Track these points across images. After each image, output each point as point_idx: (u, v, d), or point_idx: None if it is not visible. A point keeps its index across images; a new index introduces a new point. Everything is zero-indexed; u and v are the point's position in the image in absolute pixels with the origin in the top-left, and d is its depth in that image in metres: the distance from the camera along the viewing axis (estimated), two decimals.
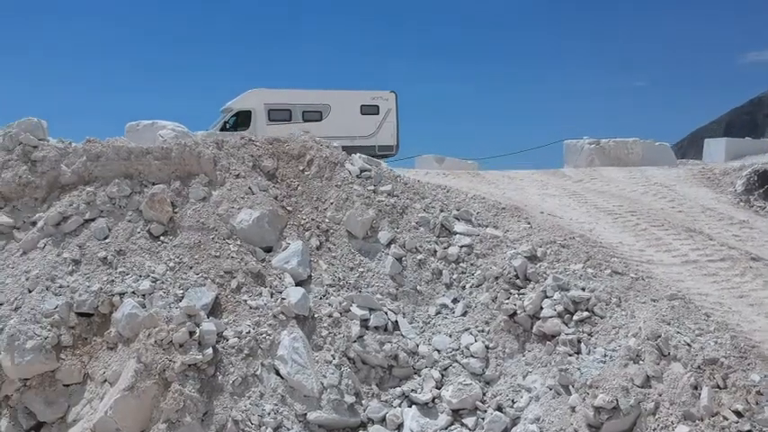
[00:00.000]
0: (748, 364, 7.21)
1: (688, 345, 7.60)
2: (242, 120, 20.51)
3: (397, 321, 9.98)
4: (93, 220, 10.51)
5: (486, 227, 11.93)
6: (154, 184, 11.09)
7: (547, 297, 9.24)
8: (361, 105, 21.85)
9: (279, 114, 20.74)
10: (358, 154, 13.15)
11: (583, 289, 9.27)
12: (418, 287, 10.59)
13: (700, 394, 7.03)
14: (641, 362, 7.71)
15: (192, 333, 8.61)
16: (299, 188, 12.09)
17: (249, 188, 11.48)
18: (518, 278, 10.00)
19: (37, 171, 10.92)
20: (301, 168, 12.48)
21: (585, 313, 8.83)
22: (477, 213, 12.32)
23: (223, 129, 20.27)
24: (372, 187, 12.12)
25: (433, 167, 28.05)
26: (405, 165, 27.09)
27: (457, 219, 11.92)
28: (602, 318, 8.78)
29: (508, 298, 9.71)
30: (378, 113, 22.02)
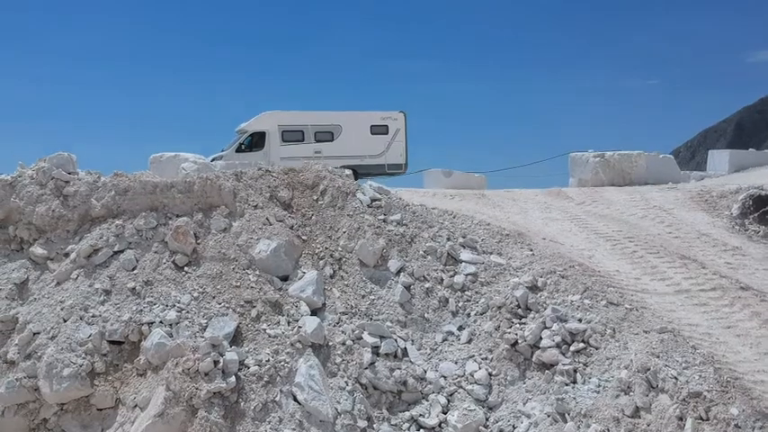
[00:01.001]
0: (729, 398, 7.86)
1: (675, 378, 8.26)
2: (257, 140, 21.28)
3: (406, 348, 10.66)
4: (122, 251, 11.27)
5: (491, 254, 12.59)
6: (178, 216, 11.83)
7: (546, 328, 9.91)
8: (371, 125, 22.58)
9: (292, 135, 21.51)
10: (369, 183, 13.84)
11: (579, 320, 9.93)
12: (426, 315, 11.27)
13: (684, 425, 7.68)
14: (632, 393, 8.37)
15: (216, 362, 9.32)
16: (314, 217, 12.79)
17: (267, 219, 12.20)
18: (519, 308, 10.66)
19: (69, 205, 11.67)
20: (315, 198, 13.18)
21: (581, 344, 9.50)
22: (482, 240, 12.98)
23: (239, 149, 21.07)
24: (383, 216, 12.81)
25: (441, 182, 28.80)
26: (414, 179, 27.89)
27: (463, 246, 12.59)
28: (596, 349, 9.44)
29: (510, 327, 10.38)
30: (387, 133, 22.74)
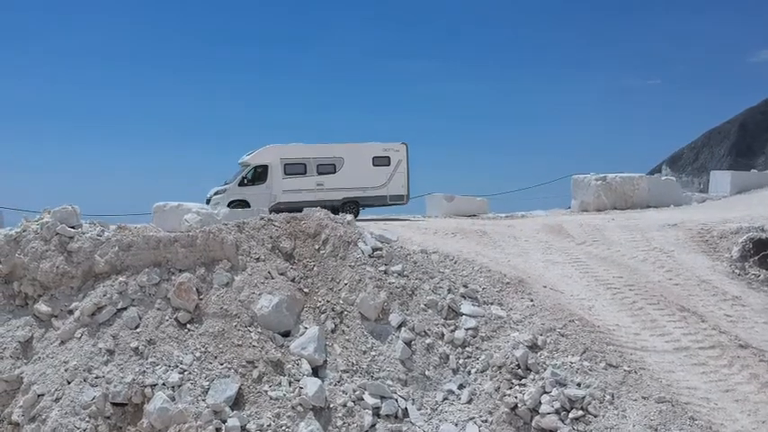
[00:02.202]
0: None
1: None
2: (259, 174, 21.45)
3: (406, 408, 10.74)
4: (125, 308, 11.38)
5: (492, 304, 12.67)
6: (181, 270, 11.96)
7: (546, 392, 9.97)
8: (373, 157, 22.76)
9: (294, 168, 21.68)
10: (370, 232, 13.93)
11: (579, 385, 9.99)
12: (426, 372, 11.35)
13: None
14: None
15: (218, 429, 9.43)
16: (315, 268, 12.90)
17: (269, 272, 12.32)
18: (519, 368, 10.73)
19: (73, 261, 11.80)
20: (317, 247, 13.30)
21: (580, 412, 9.56)
22: (483, 289, 13.06)
23: (241, 183, 21.24)
24: (384, 267, 12.90)
25: (443, 207, 28.89)
26: (416, 203, 27.99)
27: (464, 297, 12.68)
28: (595, 416, 9.51)
29: (510, 389, 10.44)
30: (389, 164, 22.91)
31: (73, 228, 12.34)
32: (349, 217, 14.50)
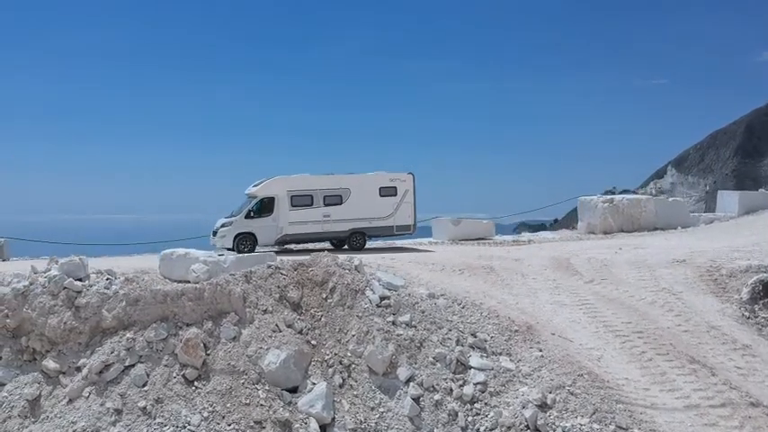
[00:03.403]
0: None
1: None
2: (266, 206, 21.41)
3: None
4: (133, 365, 11.34)
5: (500, 354, 12.62)
6: (188, 325, 11.92)
7: None
8: (380, 188, 22.71)
9: (301, 200, 21.65)
10: (378, 278, 13.89)
11: None
12: (435, 430, 11.29)
13: None
14: None
15: None
16: (323, 318, 12.87)
17: (276, 325, 12.29)
18: (528, 428, 10.68)
19: (80, 317, 11.77)
20: (324, 296, 13.27)
21: None
22: (492, 338, 13.01)
23: (248, 216, 21.20)
24: (391, 318, 12.85)
25: (449, 230, 28.83)
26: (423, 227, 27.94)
27: (472, 348, 12.62)
28: None
29: None
30: (396, 194, 22.86)
31: (80, 280, 12.32)
32: (356, 261, 14.45)
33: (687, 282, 16.60)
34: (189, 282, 12.91)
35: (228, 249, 21.30)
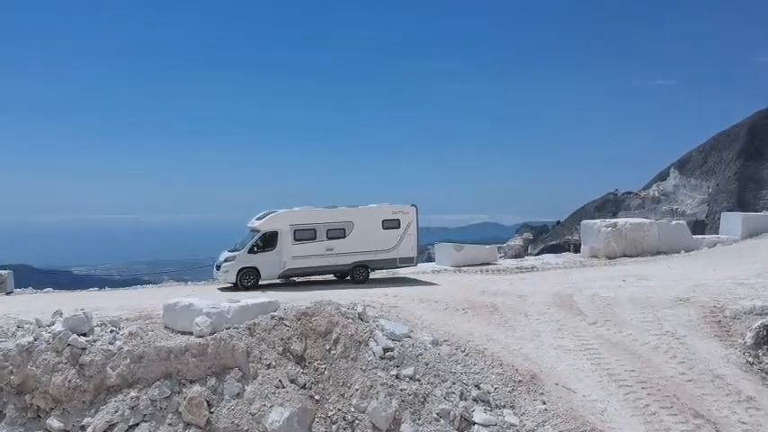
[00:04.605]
0: None
1: None
2: (269, 240, 21.43)
3: None
4: (137, 425, 11.37)
5: (504, 407, 12.61)
6: (191, 381, 11.95)
7: None
8: (383, 220, 22.72)
9: (304, 234, 21.66)
10: (381, 328, 13.88)
11: None
12: None
13: None
14: None
15: None
16: (326, 372, 12.87)
17: (279, 380, 12.29)
18: None
19: (85, 375, 11.80)
20: (328, 348, 13.27)
21: None
22: (495, 390, 13.00)
23: (251, 251, 21.22)
24: (395, 371, 12.85)
25: (451, 256, 28.84)
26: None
27: (476, 401, 12.62)
28: None
29: None
30: (399, 227, 22.87)
31: (84, 335, 12.35)
32: (360, 308, 14.46)
33: (691, 324, 16.57)
34: (192, 333, 12.91)
35: (232, 284, 21.34)
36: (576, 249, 35.96)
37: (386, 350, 13.25)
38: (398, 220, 22.92)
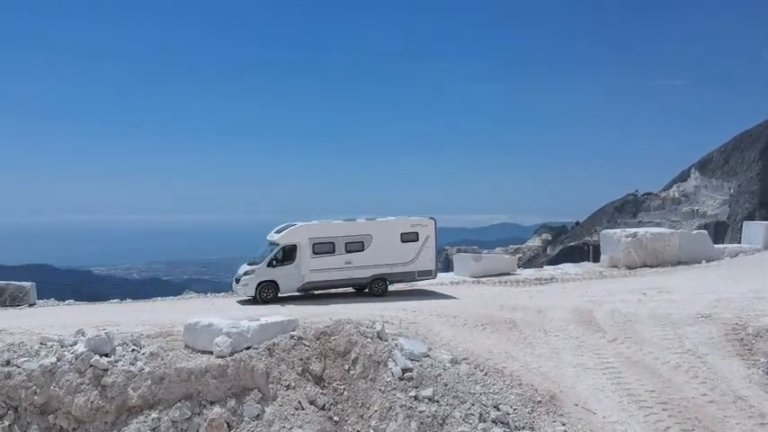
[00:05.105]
0: None
1: None
2: (288, 254, 21.53)
3: None
4: None
5: (523, 429, 12.57)
6: (212, 402, 12.05)
7: None
8: (401, 233, 22.71)
9: (323, 247, 21.72)
10: (400, 347, 13.88)
11: None
12: None
13: None
14: None
15: None
16: (345, 392, 12.91)
17: (299, 402, 12.35)
18: None
19: (107, 396, 11.94)
20: (347, 368, 13.33)
21: None
22: (515, 411, 12.96)
23: (270, 264, 21.32)
24: (414, 392, 12.85)
25: (470, 267, 28.77)
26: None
27: (495, 423, 12.58)
28: None
29: None
30: (417, 240, 22.85)
31: (106, 355, 12.50)
32: (378, 326, 14.49)
33: (712, 342, 16.39)
34: (212, 353, 13.01)
35: (251, 297, 21.46)
36: (596, 251, 35.76)
37: (405, 370, 13.26)
38: (417, 233, 22.90)
